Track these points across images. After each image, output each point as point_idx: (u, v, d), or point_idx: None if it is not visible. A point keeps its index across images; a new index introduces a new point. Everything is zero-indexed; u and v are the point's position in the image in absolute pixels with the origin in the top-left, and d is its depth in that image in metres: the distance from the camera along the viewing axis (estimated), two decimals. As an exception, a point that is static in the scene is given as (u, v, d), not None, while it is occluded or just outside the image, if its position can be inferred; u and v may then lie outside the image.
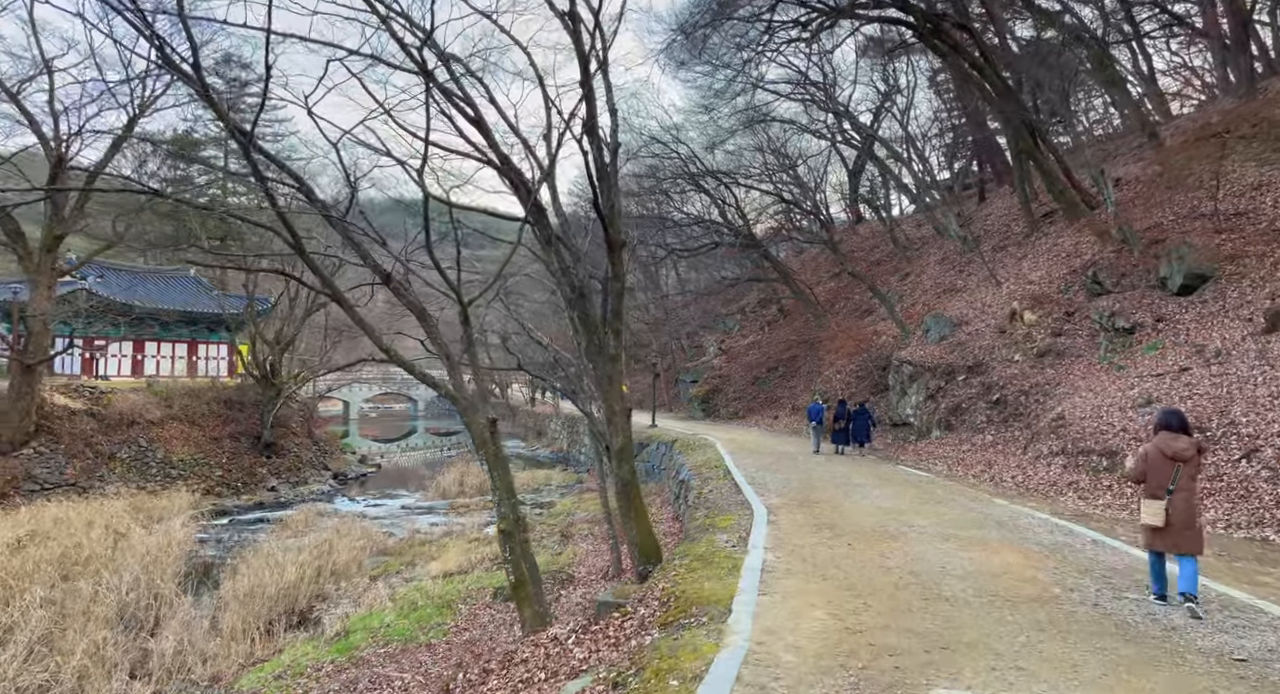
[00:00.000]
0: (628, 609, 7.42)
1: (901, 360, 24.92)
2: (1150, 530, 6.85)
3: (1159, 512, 6.69)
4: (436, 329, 10.20)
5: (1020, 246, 28.40)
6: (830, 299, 41.73)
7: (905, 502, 13.18)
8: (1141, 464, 6.98)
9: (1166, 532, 6.71)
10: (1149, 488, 6.89)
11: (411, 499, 32.55)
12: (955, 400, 21.60)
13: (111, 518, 20.11)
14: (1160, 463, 6.81)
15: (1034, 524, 10.92)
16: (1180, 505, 6.69)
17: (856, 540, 9.58)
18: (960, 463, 18.72)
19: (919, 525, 10.70)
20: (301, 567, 16.09)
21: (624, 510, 13.09)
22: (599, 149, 12.55)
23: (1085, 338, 19.98)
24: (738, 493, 14.75)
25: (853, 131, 36.90)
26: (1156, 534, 6.80)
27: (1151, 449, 6.93)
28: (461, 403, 10.16)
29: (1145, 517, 6.85)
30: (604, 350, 13.06)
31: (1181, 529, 6.68)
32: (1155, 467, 6.84)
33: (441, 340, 10.31)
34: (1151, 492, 6.85)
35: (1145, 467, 6.94)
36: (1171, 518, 6.66)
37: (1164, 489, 6.74)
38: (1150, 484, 6.88)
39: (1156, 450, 6.87)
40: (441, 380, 10.77)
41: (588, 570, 15.39)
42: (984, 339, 22.81)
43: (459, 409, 10.31)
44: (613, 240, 12.72)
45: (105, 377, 35.82)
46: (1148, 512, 6.82)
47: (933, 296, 30.43)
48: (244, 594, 14.49)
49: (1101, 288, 20.57)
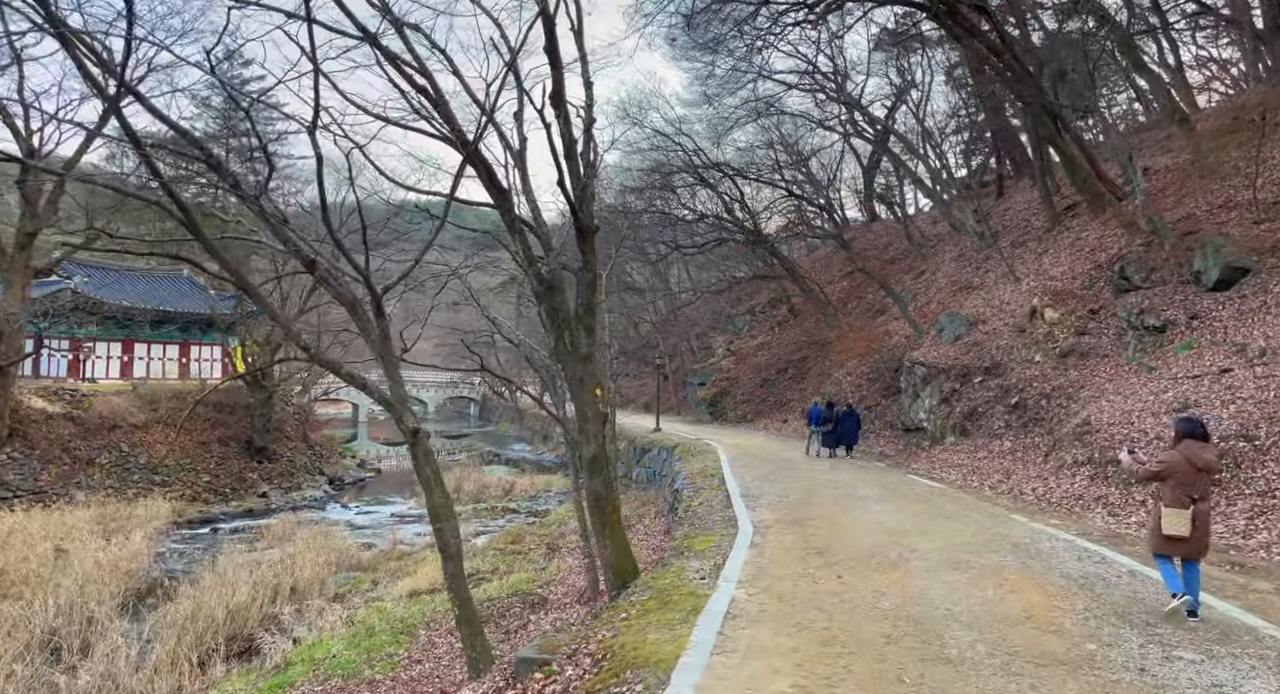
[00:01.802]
0: (553, 669, 6.04)
1: (914, 361, 23.42)
2: (1168, 539, 6.65)
3: (1184, 522, 6.51)
4: (370, 323, 8.93)
5: (1041, 241, 26.81)
6: (842, 299, 40.22)
7: (911, 518, 11.74)
8: (1161, 470, 6.78)
9: (1187, 541, 6.58)
10: (1172, 497, 6.63)
11: (404, 506, 31.34)
12: (971, 404, 20.12)
13: (71, 529, 18.96)
14: (1187, 472, 6.60)
15: (1058, 548, 9.45)
16: (1202, 515, 6.58)
17: (850, 570, 8.17)
18: (975, 472, 17.24)
19: (924, 549, 9.27)
20: (255, 586, 14.77)
21: (597, 527, 11.74)
22: (566, 122, 11.20)
23: (1112, 337, 18.46)
24: (728, 506, 13.38)
25: (865, 125, 35.37)
26: (1174, 543, 6.63)
27: (1178, 458, 6.70)
28: (395, 409, 8.88)
29: (1169, 527, 6.59)
30: (576, 349, 11.73)
31: (1201, 537, 6.61)
32: (1181, 476, 6.63)
33: (376, 336, 9.01)
34: (1176, 500, 6.60)
35: (1168, 473, 6.71)
36: (1194, 527, 6.54)
37: (1189, 498, 6.55)
38: (1175, 493, 6.62)
39: (1184, 459, 6.64)
40: (374, 384, 9.50)
41: (565, 592, 14.02)
42: (1002, 338, 21.29)
43: (392, 416, 9.03)
44: (583, 226, 11.38)
45: (93, 379, 34.81)
46: (1172, 522, 6.58)
47: (948, 294, 28.89)
48: (185, 618, 13.18)
49: (1129, 283, 19.03)
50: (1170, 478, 6.68)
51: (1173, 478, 6.66)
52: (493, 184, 11.15)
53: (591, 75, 12.11)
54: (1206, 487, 6.71)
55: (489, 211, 13.69)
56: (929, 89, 35.80)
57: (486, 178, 11.16)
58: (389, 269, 15.76)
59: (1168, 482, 6.70)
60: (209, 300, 38.07)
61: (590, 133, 12.15)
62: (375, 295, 7.74)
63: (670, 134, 33.63)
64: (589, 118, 12.15)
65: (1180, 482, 6.61)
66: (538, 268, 11.56)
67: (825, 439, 21.99)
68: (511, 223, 11.45)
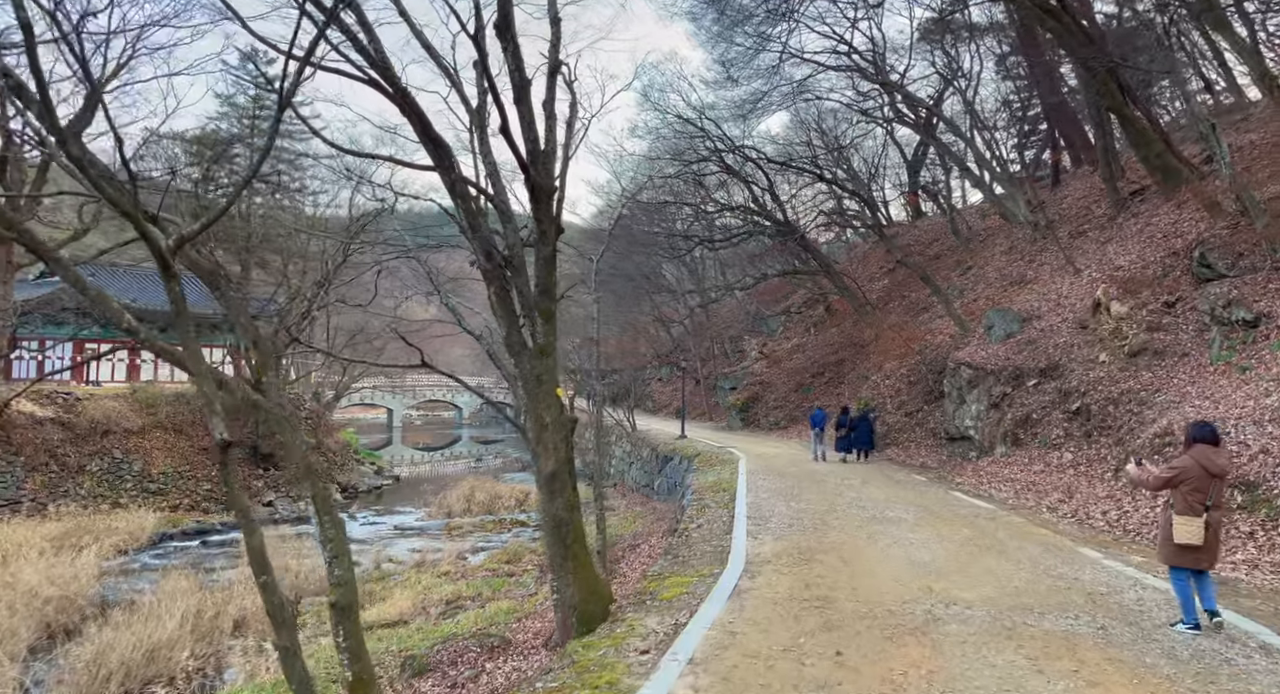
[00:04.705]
0: None
1: (959, 362, 20.81)
2: (1181, 548, 6.31)
3: (1198, 529, 6.24)
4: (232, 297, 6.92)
5: (1103, 230, 23.99)
6: (882, 298, 37.52)
7: (951, 551, 9.33)
8: (1173, 476, 6.45)
9: (1200, 550, 6.29)
10: (1184, 504, 6.35)
11: (412, 517, 29.51)
12: (1024, 410, 17.54)
13: (21, 544, 17.25)
14: (1200, 478, 6.33)
15: (1150, 605, 7.00)
16: (1215, 522, 6.37)
17: (857, 639, 5.84)
18: (1031, 489, 14.72)
19: (965, 603, 6.90)
20: (186, 618, 12.75)
21: (557, 560, 9.53)
22: (516, 58, 9.05)
23: (1192, 332, 15.81)
24: (729, 532, 11.07)
25: (907, 110, 32.66)
26: (1189, 552, 6.31)
27: (1190, 463, 6.41)
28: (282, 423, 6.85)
29: (1181, 536, 6.28)
30: (533, 339, 9.58)
31: (1213, 546, 6.38)
32: (1195, 482, 6.34)
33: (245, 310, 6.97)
34: (1188, 508, 6.32)
35: (1180, 480, 6.39)
36: (1207, 535, 6.26)
37: (1202, 505, 6.30)
38: (1188, 500, 6.33)
39: (1197, 465, 6.37)
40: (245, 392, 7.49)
41: (537, 631, 11.77)
42: (1059, 336, 18.64)
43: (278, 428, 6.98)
44: (537, 184, 9.25)
45: (97, 382, 33.60)
46: (1185, 530, 6.27)
47: (997, 290, 26.15)
48: (90, 659, 11.22)
49: (1212, 271, 16.33)
50: (1183, 484, 6.38)
51: (1185, 484, 6.36)
52: (427, 135, 9.03)
53: (559, 10, 10.03)
54: (1220, 493, 6.50)
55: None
56: (977, 78, 33.01)
57: (420, 128, 9.05)
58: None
59: (1180, 488, 6.40)
60: (215, 300, 36.63)
61: (555, 78, 10.04)
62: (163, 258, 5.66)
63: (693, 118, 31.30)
64: (554, 60, 10.05)
65: (1193, 488, 6.32)
66: (485, 239, 9.41)
67: (839, 444, 21.91)
68: (452, 185, 9.32)
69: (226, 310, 7.02)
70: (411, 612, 14.76)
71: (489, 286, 9.68)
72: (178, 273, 5.53)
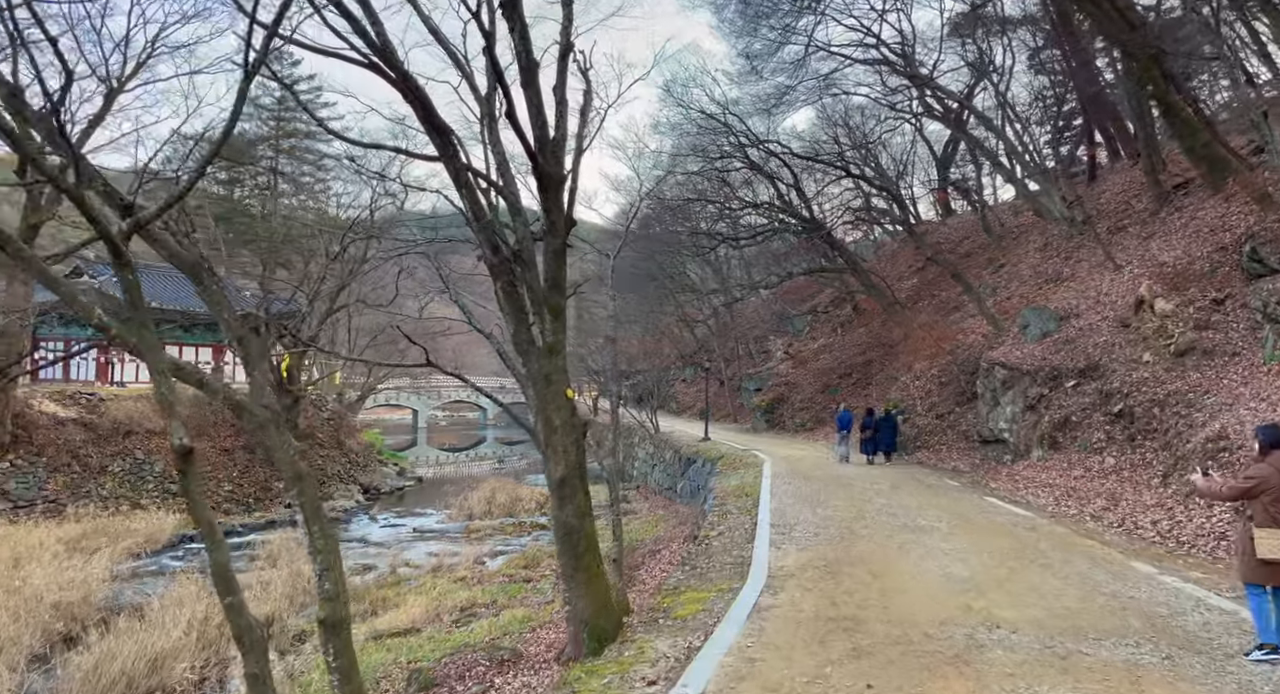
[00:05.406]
0: None
1: (993, 362, 20.01)
2: (1265, 564, 5.78)
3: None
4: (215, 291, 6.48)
5: (1145, 226, 23.04)
6: (912, 296, 36.63)
7: (990, 565, 8.66)
8: (1251, 486, 5.95)
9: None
10: (1265, 515, 5.85)
11: (433, 519, 29.11)
12: (1063, 412, 16.74)
13: (35, 547, 17.02)
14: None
15: (1218, 628, 6.31)
16: None
17: (890, 668, 5.24)
18: (1071, 495, 13.95)
19: (1010, 625, 6.25)
20: (192, 625, 12.39)
21: (568, 571, 8.98)
22: (523, 37, 8.53)
23: (1243, 331, 14.97)
24: (750, 541, 10.47)
25: (936, 104, 31.77)
26: (1274, 569, 5.76)
27: (1269, 471, 5.92)
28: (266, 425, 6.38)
29: (1266, 550, 5.75)
30: (541, 337, 9.05)
31: None
32: (1277, 491, 5.83)
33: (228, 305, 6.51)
34: (1271, 519, 5.81)
35: (1260, 490, 5.88)
36: None
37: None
38: (1269, 511, 5.83)
39: (1277, 473, 5.87)
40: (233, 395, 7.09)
41: (550, 643, 11.25)
42: (1100, 335, 17.80)
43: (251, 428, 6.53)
44: (545, 172, 8.70)
45: (122, 383, 33.64)
46: (1269, 544, 5.75)
47: (1032, 288, 25.27)
48: (90, 668, 10.87)
49: (1264, 266, 15.45)
50: (1264, 495, 5.89)
51: (1266, 494, 5.88)
52: (430, 122, 8.54)
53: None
54: None
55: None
56: (1010, 72, 32.01)
57: (423, 114, 8.55)
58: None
59: (1260, 499, 5.92)
60: (244, 301, 36.58)
61: (566, 61, 9.50)
62: (116, 247, 5.20)
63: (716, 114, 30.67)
64: (565, 42, 9.51)
65: (1275, 498, 5.85)
66: (491, 230, 8.89)
67: (864, 446, 21.73)
68: (456, 174, 8.82)
69: (207, 304, 6.49)
70: (424, 619, 14.28)
71: (495, 282, 9.17)
72: (130, 260, 5.03)
